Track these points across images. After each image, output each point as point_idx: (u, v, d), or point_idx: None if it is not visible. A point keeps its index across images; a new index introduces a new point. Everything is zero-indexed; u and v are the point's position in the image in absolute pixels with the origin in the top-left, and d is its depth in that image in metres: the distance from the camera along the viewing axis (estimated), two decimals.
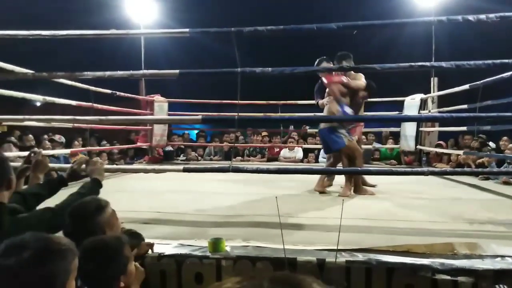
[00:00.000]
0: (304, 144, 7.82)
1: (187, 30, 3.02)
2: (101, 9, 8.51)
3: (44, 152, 4.53)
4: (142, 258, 1.97)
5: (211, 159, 8.00)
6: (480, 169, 4.81)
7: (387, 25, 3.02)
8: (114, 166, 4.71)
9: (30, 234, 1.07)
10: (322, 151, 7.54)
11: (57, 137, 6.23)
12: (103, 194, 1.90)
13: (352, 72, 3.88)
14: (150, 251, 2.05)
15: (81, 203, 1.65)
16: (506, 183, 4.60)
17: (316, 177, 4.01)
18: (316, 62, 3.92)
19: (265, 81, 5.21)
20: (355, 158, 3.79)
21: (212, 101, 8.10)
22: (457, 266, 1.87)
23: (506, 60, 2.62)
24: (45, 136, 6.07)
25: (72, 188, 1.96)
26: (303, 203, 3.50)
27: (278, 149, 7.85)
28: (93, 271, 1.34)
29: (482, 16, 2.58)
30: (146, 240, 2.04)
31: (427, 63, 2.96)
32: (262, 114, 7.07)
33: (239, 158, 7.78)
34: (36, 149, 1.93)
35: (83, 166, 2.08)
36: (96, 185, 1.97)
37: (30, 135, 5.52)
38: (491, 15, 2.57)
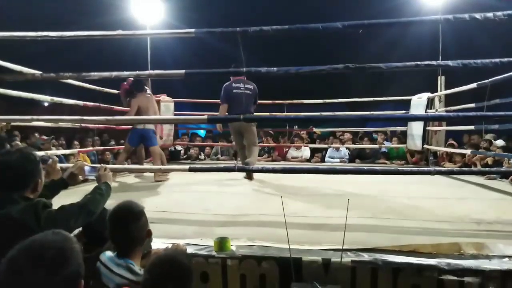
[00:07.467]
0: (311, 144, 7.85)
1: (192, 30, 3.03)
2: (108, 10, 8.57)
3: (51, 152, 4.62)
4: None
5: (217, 159, 8.04)
6: (487, 168, 4.76)
7: (393, 24, 2.99)
8: (121, 166, 4.74)
9: (41, 241, 1.02)
10: (329, 150, 7.58)
11: (44, 137, 6.17)
12: None
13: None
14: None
15: (120, 208, 1.64)
16: None
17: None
18: None
19: (270, 81, 5.21)
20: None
21: (218, 101, 8.11)
22: (463, 266, 1.86)
23: None
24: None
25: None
26: (308, 202, 3.50)
27: (286, 149, 7.86)
28: None
29: (490, 14, 2.55)
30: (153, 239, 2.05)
31: (434, 62, 2.92)
32: (268, 113, 7.08)
33: None
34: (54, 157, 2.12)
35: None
36: (109, 189, 2.04)
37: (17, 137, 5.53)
38: (499, 13, 2.54)
